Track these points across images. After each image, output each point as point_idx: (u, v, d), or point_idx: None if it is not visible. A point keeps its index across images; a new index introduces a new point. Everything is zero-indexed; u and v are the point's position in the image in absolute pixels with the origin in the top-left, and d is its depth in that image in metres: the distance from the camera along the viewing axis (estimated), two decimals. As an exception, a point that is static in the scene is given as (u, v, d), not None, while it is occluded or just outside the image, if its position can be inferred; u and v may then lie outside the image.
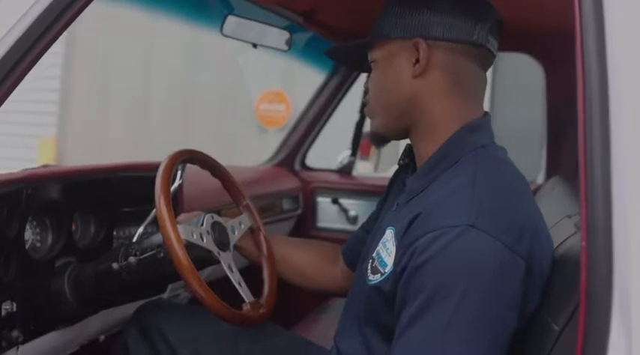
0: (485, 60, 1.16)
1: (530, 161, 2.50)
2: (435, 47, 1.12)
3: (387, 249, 1.10)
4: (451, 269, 0.97)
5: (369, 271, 1.13)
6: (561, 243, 1.08)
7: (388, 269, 1.08)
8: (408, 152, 1.24)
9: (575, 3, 0.81)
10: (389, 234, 1.12)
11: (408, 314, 1.00)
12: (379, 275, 1.09)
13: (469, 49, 1.13)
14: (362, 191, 2.69)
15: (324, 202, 2.71)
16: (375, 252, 1.14)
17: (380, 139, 1.24)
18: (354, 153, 2.76)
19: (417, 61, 1.12)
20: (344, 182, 2.75)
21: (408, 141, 1.24)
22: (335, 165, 2.80)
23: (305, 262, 1.52)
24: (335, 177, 2.77)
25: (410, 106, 1.14)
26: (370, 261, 1.14)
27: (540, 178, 2.42)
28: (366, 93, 1.23)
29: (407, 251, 1.02)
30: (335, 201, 2.69)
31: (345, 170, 2.78)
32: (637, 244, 0.72)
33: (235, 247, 1.43)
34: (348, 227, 2.66)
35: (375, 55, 1.19)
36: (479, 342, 0.96)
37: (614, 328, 0.72)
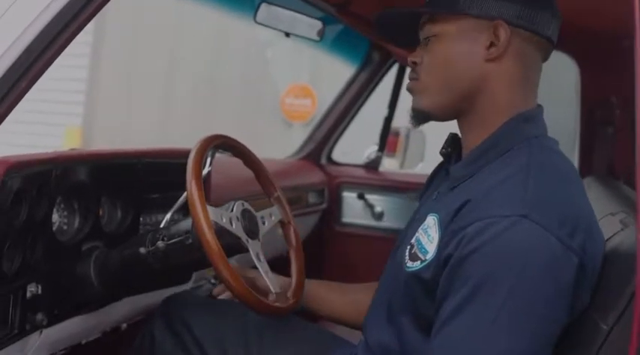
0: (549, 55, 1.14)
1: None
2: (514, 34, 1.08)
3: (428, 236, 1.07)
4: (500, 261, 0.94)
5: (406, 258, 1.10)
6: (608, 240, 1.04)
7: (430, 256, 1.04)
8: (451, 141, 1.21)
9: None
10: (431, 221, 1.08)
11: (451, 305, 0.97)
12: (419, 262, 1.07)
13: (542, 43, 1.10)
14: (389, 187, 2.67)
15: (349, 197, 2.69)
16: (415, 238, 1.11)
17: (423, 117, 1.17)
18: (381, 149, 2.74)
19: (492, 44, 1.08)
20: (370, 177, 2.73)
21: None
22: (361, 160, 2.78)
23: (343, 310, 1.45)
24: (361, 172, 2.75)
25: (474, 90, 1.10)
26: (409, 247, 1.11)
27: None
28: (414, 66, 1.16)
29: (453, 238, 0.99)
30: (361, 197, 2.66)
31: (372, 165, 2.76)
32: None
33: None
34: (374, 223, 2.64)
35: (439, 28, 1.12)
36: (525, 338, 0.94)
37: None
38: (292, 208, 2.24)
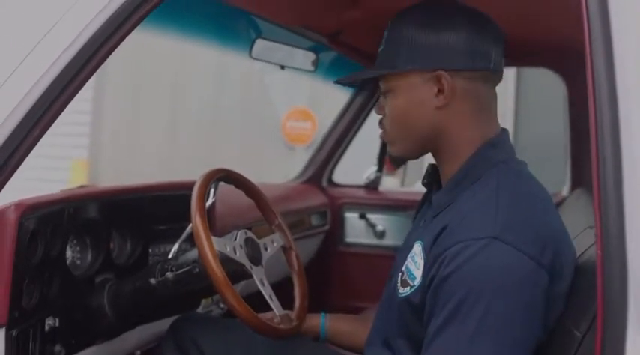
0: (499, 81, 1.20)
1: (555, 174, 2.54)
2: (456, 77, 1.13)
3: (415, 263, 1.14)
4: (476, 281, 1.00)
5: (399, 285, 1.17)
6: (583, 253, 1.11)
7: (417, 281, 1.11)
8: (431, 171, 1.28)
9: (584, 22, 0.86)
10: (417, 249, 1.16)
11: (435, 325, 1.04)
12: (409, 287, 1.13)
13: (487, 76, 1.16)
14: (389, 206, 2.73)
15: (351, 217, 2.75)
16: (405, 266, 1.18)
17: (400, 161, 1.28)
18: (380, 169, 2.79)
19: (439, 91, 1.14)
20: (371, 197, 2.79)
21: (430, 160, 1.28)
22: (362, 181, 2.85)
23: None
24: (362, 193, 2.81)
25: (433, 135, 1.17)
26: (400, 274, 1.18)
27: (565, 190, 2.44)
28: (381, 119, 1.24)
29: (435, 263, 1.06)
30: (362, 216, 2.73)
31: (372, 185, 2.81)
32: None
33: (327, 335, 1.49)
34: (376, 241, 2.70)
35: (390, 85, 1.19)
36: (503, 352, 1.00)
37: (630, 330, 0.76)
38: (296, 231, 2.33)
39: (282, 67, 2.07)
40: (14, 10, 1.25)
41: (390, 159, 1.30)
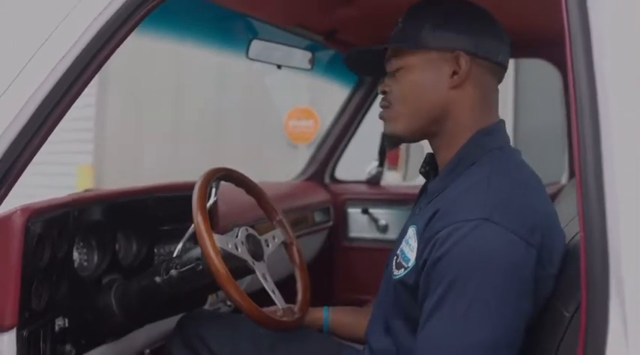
0: (502, 78, 1.26)
1: (555, 163, 2.56)
2: (473, 62, 1.19)
3: (409, 246, 1.18)
4: (467, 261, 1.04)
5: (393, 267, 1.21)
6: (573, 237, 1.14)
7: (411, 263, 1.15)
8: (429, 160, 1.31)
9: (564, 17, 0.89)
10: (411, 232, 1.20)
11: (429, 305, 1.08)
12: (403, 269, 1.17)
13: (495, 68, 1.22)
14: (391, 200, 2.76)
15: (354, 213, 2.79)
16: (399, 249, 1.22)
17: (397, 141, 1.30)
18: (381, 164, 2.83)
19: (454, 72, 1.19)
20: (373, 192, 2.82)
21: (429, 150, 1.31)
22: (363, 176, 2.88)
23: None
24: (364, 188, 2.85)
25: (441, 114, 1.21)
26: (395, 257, 1.22)
27: (564, 179, 2.47)
28: (385, 94, 1.26)
29: (427, 245, 1.10)
30: (365, 212, 2.76)
31: (374, 180, 2.85)
32: (627, 233, 0.81)
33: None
34: (379, 236, 2.73)
35: (405, 61, 1.22)
36: (496, 327, 1.03)
37: (612, 308, 0.80)
38: (300, 228, 2.36)
39: (279, 67, 2.10)
40: (10, 19, 1.28)
41: (387, 139, 1.31)
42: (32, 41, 1.19)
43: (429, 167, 1.31)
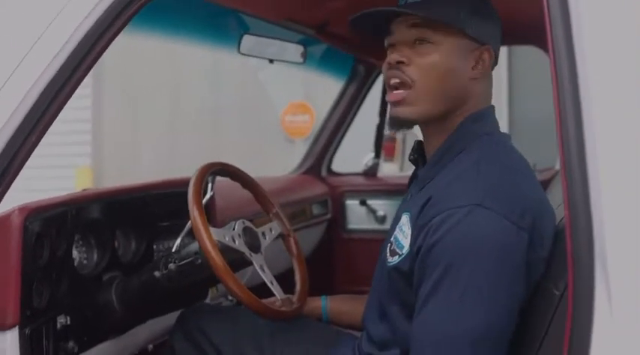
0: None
1: (549, 149, 2.58)
2: (492, 56, 1.21)
3: (403, 233, 1.19)
4: (461, 246, 1.06)
5: (387, 254, 1.22)
6: (561, 220, 1.16)
7: (405, 250, 1.17)
8: (417, 148, 1.32)
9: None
10: (404, 219, 1.21)
11: (424, 291, 1.09)
12: (397, 256, 1.19)
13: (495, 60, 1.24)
14: (388, 191, 2.78)
15: (352, 205, 2.81)
16: (393, 236, 1.23)
17: (407, 124, 1.22)
18: (377, 155, 2.85)
19: (476, 63, 1.19)
20: (370, 184, 2.84)
21: (416, 138, 1.32)
22: (360, 168, 2.90)
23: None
24: (361, 180, 2.87)
25: (457, 105, 1.20)
26: (388, 244, 1.24)
27: (558, 164, 2.49)
28: (400, 65, 1.17)
29: (421, 232, 1.11)
30: (363, 203, 2.78)
31: (371, 172, 2.87)
32: (609, 212, 0.83)
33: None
34: (377, 226, 2.75)
35: (435, 36, 1.16)
36: (490, 312, 1.05)
37: (597, 285, 0.83)
38: (298, 221, 2.38)
39: (272, 61, 2.11)
40: (3, 18, 1.29)
41: (392, 121, 1.23)
42: (25, 40, 1.20)
43: (417, 154, 1.32)
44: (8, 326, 1.24)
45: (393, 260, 1.20)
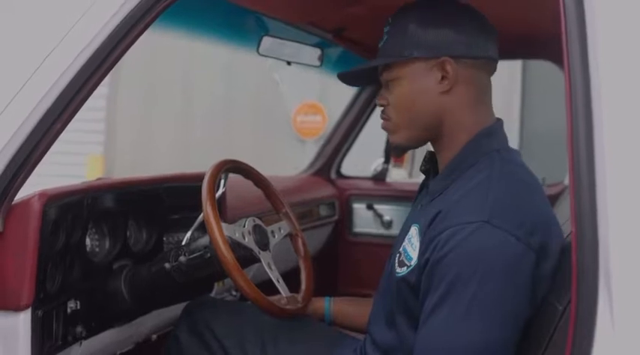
0: (494, 70, 1.29)
1: (559, 164, 2.59)
2: (459, 64, 1.21)
3: (412, 244, 1.21)
4: (468, 262, 1.08)
5: (396, 265, 1.25)
6: (569, 234, 1.18)
7: (413, 262, 1.19)
8: (429, 158, 1.35)
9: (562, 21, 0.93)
10: (414, 231, 1.23)
11: (430, 303, 1.11)
12: (405, 267, 1.21)
13: (484, 63, 1.24)
14: (395, 196, 2.81)
15: (359, 208, 2.83)
16: (402, 247, 1.25)
17: (401, 150, 1.33)
18: (387, 161, 2.87)
19: (443, 78, 1.21)
20: (378, 188, 2.87)
21: (428, 147, 1.35)
22: (369, 172, 2.92)
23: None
24: (369, 184, 2.89)
25: (436, 120, 1.24)
26: (397, 255, 1.26)
27: (567, 180, 2.50)
28: (382, 107, 1.29)
29: (430, 245, 1.13)
30: (370, 207, 2.81)
31: (379, 177, 2.89)
32: (615, 230, 0.85)
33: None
34: (383, 231, 2.78)
35: (394, 73, 1.25)
36: (493, 328, 1.07)
37: (601, 300, 0.85)
38: (305, 222, 2.41)
39: (289, 63, 2.14)
40: (33, 14, 1.34)
41: (391, 149, 1.36)
42: (53, 36, 1.24)
43: (430, 165, 1.34)
44: (22, 307, 1.27)
45: (401, 271, 1.22)
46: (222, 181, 1.74)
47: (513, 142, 1.30)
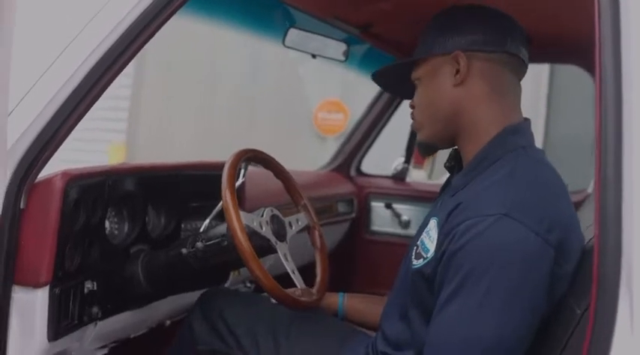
0: (518, 68, 1.28)
1: (583, 170, 2.57)
2: (473, 58, 1.24)
3: (430, 237, 1.22)
4: (485, 253, 1.07)
5: (413, 257, 1.25)
6: (591, 239, 1.17)
7: (430, 254, 1.19)
8: (454, 155, 1.36)
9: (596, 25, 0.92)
10: (432, 224, 1.23)
11: (445, 293, 1.11)
12: (422, 259, 1.21)
13: (503, 58, 1.25)
14: (415, 196, 2.80)
15: (377, 207, 2.83)
16: (420, 240, 1.25)
17: (429, 149, 1.37)
18: (407, 160, 2.86)
19: (457, 71, 1.25)
20: (397, 188, 2.86)
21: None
22: (389, 171, 2.91)
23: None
24: (389, 183, 2.88)
25: (453, 113, 1.26)
26: (415, 248, 1.26)
27: (590, 187, 2.48)
28: (412, 109, 1.36)
29: (447, 236, 1.13)
30: (388, 206, 2.80)
31: (399, 176, 2.88)
32: None
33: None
34: (401, 231, 2.77)
35: (419, 73, 1.32)
36: (507, 321, 1.07)
37: (621, 306, 0.83)
38: (323, 217, 2.41)
39: (314, 56, 2.14)
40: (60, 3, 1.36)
41: (418, 148, 1.40)
42: (79, 21, 1.26)
43: (454, 162, 1.35)
44: (41, 285, 1.29)
45: (417, 263, 1.22)
46: (243, 170, 1.75)
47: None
